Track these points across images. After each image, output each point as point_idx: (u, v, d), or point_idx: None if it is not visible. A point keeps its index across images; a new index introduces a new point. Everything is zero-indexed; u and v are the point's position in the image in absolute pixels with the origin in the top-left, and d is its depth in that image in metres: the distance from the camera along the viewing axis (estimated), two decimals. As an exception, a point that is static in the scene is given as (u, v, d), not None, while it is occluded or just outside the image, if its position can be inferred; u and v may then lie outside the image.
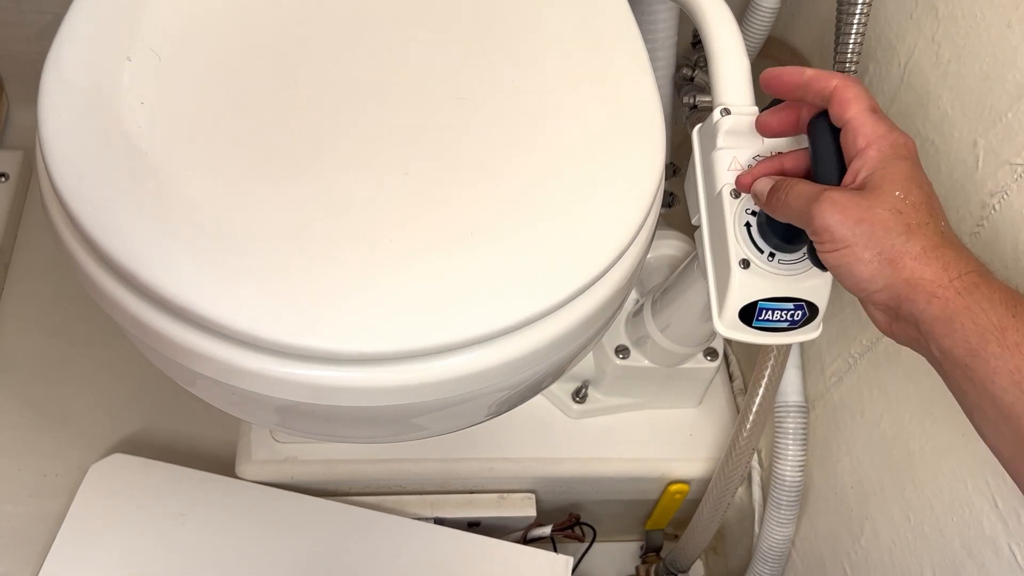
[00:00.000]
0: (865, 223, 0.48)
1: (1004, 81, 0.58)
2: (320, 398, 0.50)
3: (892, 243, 0.47)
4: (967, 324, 0.45)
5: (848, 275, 0.49)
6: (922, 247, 0.47)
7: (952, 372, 0.46)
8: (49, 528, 0.84)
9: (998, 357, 0.44)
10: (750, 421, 0.77)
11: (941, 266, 0.47)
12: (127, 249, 0.49)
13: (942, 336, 0.46)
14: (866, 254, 0.48)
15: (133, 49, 0.57)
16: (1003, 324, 0.44)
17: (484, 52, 0.62)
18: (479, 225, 0.53)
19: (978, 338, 0.45)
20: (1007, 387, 0.44)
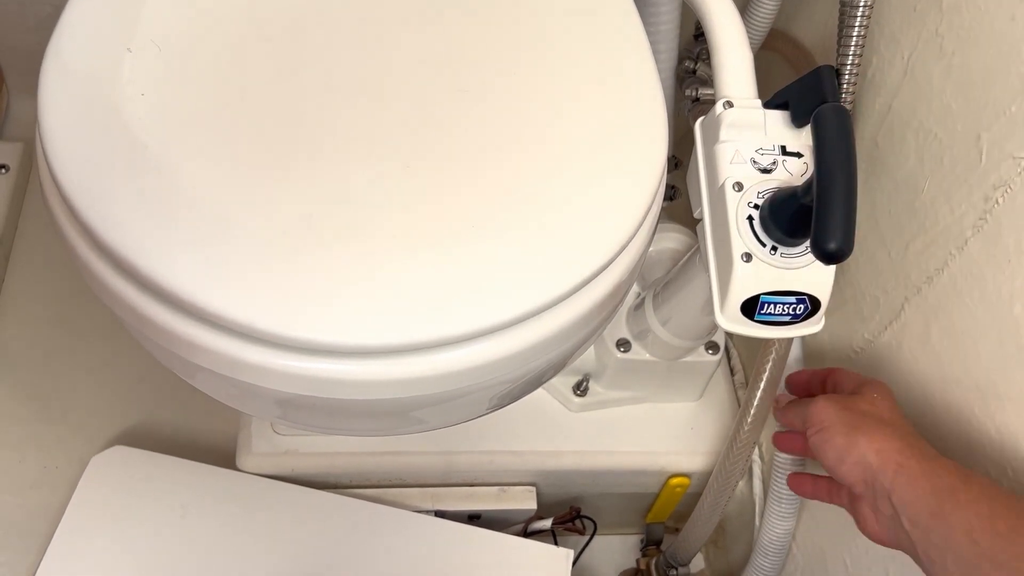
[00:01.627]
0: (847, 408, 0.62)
1: (1008, 75, 0.58)
2: (320, 391, 0.50)
3: (868, 418, 0.61)
4: (927, 486, 0.55)
5: (832, 447, 0.60)
6: (888, 432, 0.59)
7: (923, 544, 0.54)
8: (50, 520, 0.84)
9: (952, 515, 0.52)
10: (751, 415, 0.77)
11: (906, 444, 0.58)
12: (127, 241, 0.49)
13: (905, 501, 0.55)
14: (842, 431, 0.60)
15: (133, 40, 0.57)
16: (953, 485, 0.54)
17: (486, 45, 0.62)
18: (480, 218, 0.53)
19: (936, 499, 0.54)
20: (963, 541, 0.51)
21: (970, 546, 0.51)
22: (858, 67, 0.68)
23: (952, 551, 0.52)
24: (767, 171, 0.60)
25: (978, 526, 0.51)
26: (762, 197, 0.59)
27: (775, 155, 0.61)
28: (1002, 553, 0.50)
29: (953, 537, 0.52)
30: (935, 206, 0.66)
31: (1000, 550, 0.50)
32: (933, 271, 0.67)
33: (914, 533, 0.55)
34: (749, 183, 0.59)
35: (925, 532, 0.54)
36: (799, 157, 0.61)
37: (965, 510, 0.52)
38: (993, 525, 0.51)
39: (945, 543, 0.52)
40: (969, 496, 0.53)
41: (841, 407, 0.62)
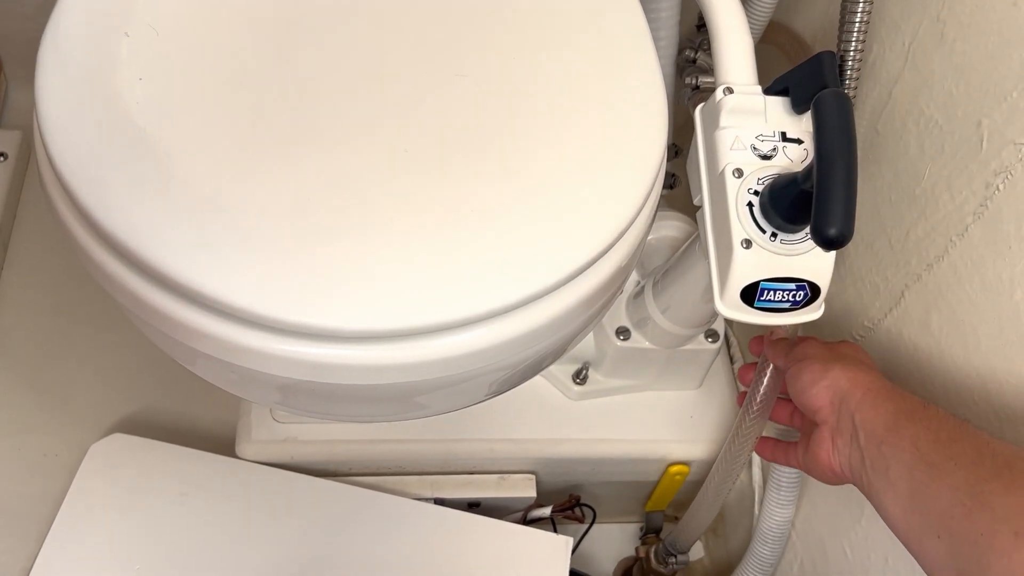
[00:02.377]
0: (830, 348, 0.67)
1: (1009, 60, 0.58)
2: (320, 376, 0.50)
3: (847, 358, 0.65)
4: (889, 406, 0.58)
5: (808, 371, 0.64)
6: (862, 367, 0.64)
7: (872, 455, 0.58)
8: (49, 507, 0.84)
9: (904, 428, 0.56)
10: (756, 404, 0.77)
11: (876, 376, 0.62)
12: (126, 226, 0.48)
13: (867, 418, 0.59)
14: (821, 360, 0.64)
15: (131, 25, 0.56)
16: (912, 408, 0.58)
17: (485, 30, 0.62)
18: (480, 203, 0.53)
19: (894, 417, 0.57)
20: (907, 448, 0.55)
21: (912, 452, 0.55)
22: (861, 53, 0.68)
23: (896, 459, 0.56)
24: (767, 157, 0.60)
25: (923, 436, 0.55)
26: (762, 183, 0.59)
27: (775, 141, 0.60)
28: (937, 455, 0.53)
29: (900, 445, 0.56)
30: (936, 193, 0.66)
31: (936, 453, 0.54)
32: (933, 258, 0.67)
33: (868, 450, 0.58)
34: (749, 169, 0.59)
35: (877, 445, 0.57)
36: (799, 143, 0.60)
37: (916, 424, 0.56)
38: (936, 435, 0.55)
39: (892, 452, 0.56)
40: (925, 415, 0.57)
41: (824, 345, 0.67)
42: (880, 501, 0.57)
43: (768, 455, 0.77)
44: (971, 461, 0.52)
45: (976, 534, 0.49)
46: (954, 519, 0.51)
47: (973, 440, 0.54)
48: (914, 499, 0.54)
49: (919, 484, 0.54)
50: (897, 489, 0.55)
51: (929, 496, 0.53)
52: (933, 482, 0.53)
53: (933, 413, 0.57)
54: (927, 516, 0.53)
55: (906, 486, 0.54)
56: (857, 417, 0.60)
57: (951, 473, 0.52)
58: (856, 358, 0.65)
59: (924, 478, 0.53)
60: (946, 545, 0.51)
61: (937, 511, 0.52)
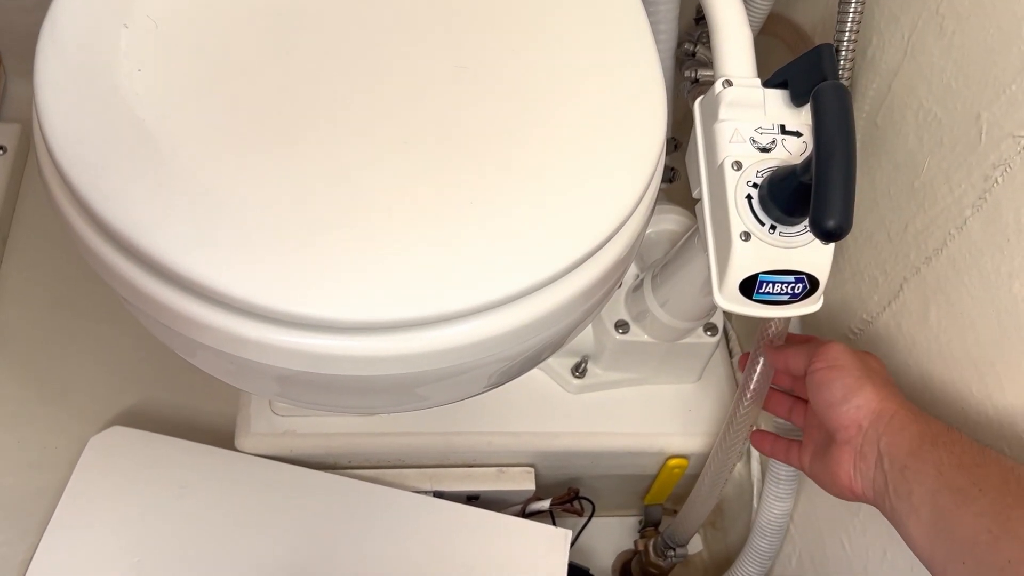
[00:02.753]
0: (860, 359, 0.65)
1: (1008, 53, 0.58)
2: (319, 367, 0.50)
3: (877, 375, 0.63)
4: (915, 431, 0.58)
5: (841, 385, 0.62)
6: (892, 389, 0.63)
7: (895, 480, 0.57)
8: (49, 500, 0.84)
9: (927, 453, 0.56)
10: (749, 394, 0.77)
11: (902, 400, 0.61)
12: (125, 217, 0.48)
13: (893, 443, 0.58)
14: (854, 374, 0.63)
15: (130, 16, 0.56)
16: (935, 432, 0.57)
17: (485, 22, 0.62)
18: (479, 194, 0.53)
19: (919, 442, 0.57)
20: (931, 473, 0.55)
21: (936, 477, 0.55)
22: (855, 44, 0.68)
23: (919, 483, 0.55)
24: (766, 150, 0.60)
25: (947, 461, 0.55)
26: (761, 176, 0.59)
27: (774, 134, 0.60)
28: (961, 480, 0.53)
29: (924, 471, 0.56)
30: (934, 186, 0.66)
31: (960, 478, 0.53)
32: (932, 251, 0.67)
33: (891, 473, 0.58)
34: (748, 162, 0.59)
35: (901, 470, 0.57)
36: (798, 136, 0.60)
37: (939, 449, 0.56)
38: (959, 460, 0.55)
39: (915, 477, 0.56)
40: (947, 439, 0.57)
41: (854, 355, 0.65)
42: (904, 526, 0.56)
43: (767, 450, 0.76)
44: (995, 487, 0.52)
45: (1003, 561, 0.49)
46: (979, 546, 0.50)
47: (997, 465, 0.54)
48: (938, 525, 0.53)
49: (943, 510, 0.53)
50: (920, 515, 0.55)
51: (953, 522, 0.52)
52: (958, 508, 0.52)
53: (956, 438, 0.57)
54: (952, 543, 0.52)
55: (929, 512, 0.54)
56: (883, 442, 0.59)
57: (976, 499, 0.52)
58: (885, 377, 0.64)
59: (948, 504, 0.53)
60: (971, 571, 0.51)
61: (962, 538, 0.52)
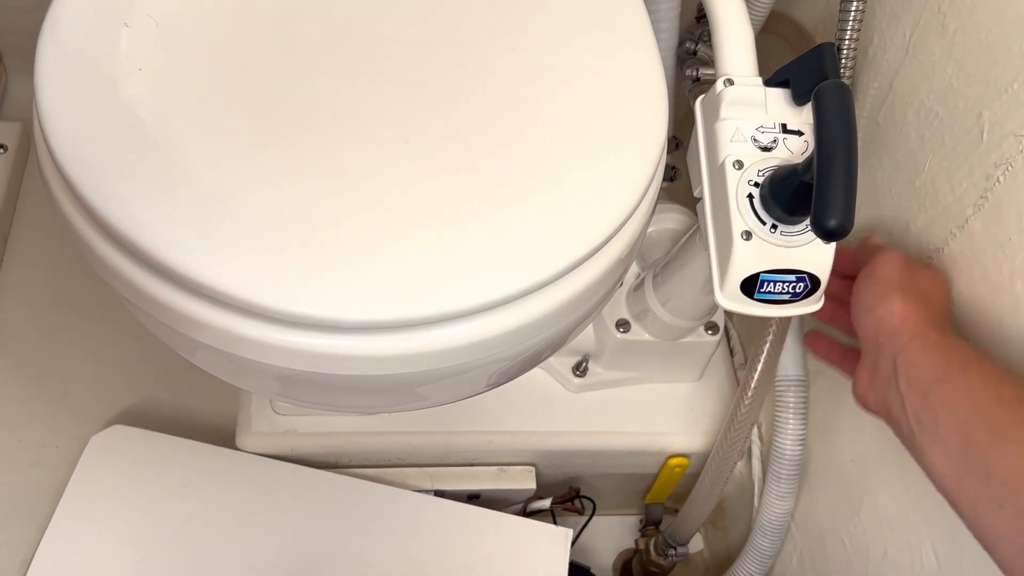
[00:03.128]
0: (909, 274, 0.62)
1: (1010, 52, 0.58)
2: (320, 366, 0.50)
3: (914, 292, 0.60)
4: (939, 356, 0.55)
5: (872, 293, 0.60)
6: (923, 307, 0.59)
7: (915, 404, 0.54)
8: (50, 499, 0.84)
9: (957, 381, 0.52)
10: (749, 394, 0.77)
11: (934, 323, 0.58)
12: (126, 216, 0.48)
13: (912, 364, 0.55)
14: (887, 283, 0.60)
15: (130, 15, 0.56)
16: (965, 359, 0.53)
17: (486, 23, 0.61)
18: (480, 194, 0.53)
19: (946, 368, 0.53)
20: (962, 403, 0.51)
21: (969, 408, 0.51)
22: (856, 43, 0.68)
23: (948, 412, 0.52)
24: (767, 149, 0.60)
25: (982, 390, 0.51)
26: (762, 175, 0.59)
27: (776, 133, 0.60)
28: (1000, 417, 0.50)
29: (953, 399, 0.52)
30: (936, 185, 0.66)
31: (998, 414, 0.50)
32: (933, 250, 0.67)
33: (909, 397, 0.55)
34: (749, 161, 0.59)
35: (923, 395, 0.54)
36: (800, 135, 0.60)
37: (972, 377, 0.52)
38: (998, 392, 0.51)
39: (942, 404, 0.52)
40: (981, 369, 0.53)
41: (905, 267, 0.62)
42: (925, 455, 0.53)
43: (822, 352, 0.73)
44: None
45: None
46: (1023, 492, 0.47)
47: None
48: (970, 462, 0.50)
49: (978, 446, 0.50)
50: (949, 447, 0.51)
51: (992, 462, 0.49)
52: (996, 447, 0.49)
53: (990, 368, 0.53)
54: (987, 484, 0.49)
55: (960, 446, 0.51)
56: (900, 361, 0.56)
57: (1020, 440, 0.48)
58: (924, 293, 0.60)
59: (985, 440, 0.49)
60: (1010, 517, 0.47)
61: (1002, 480, 0.48)
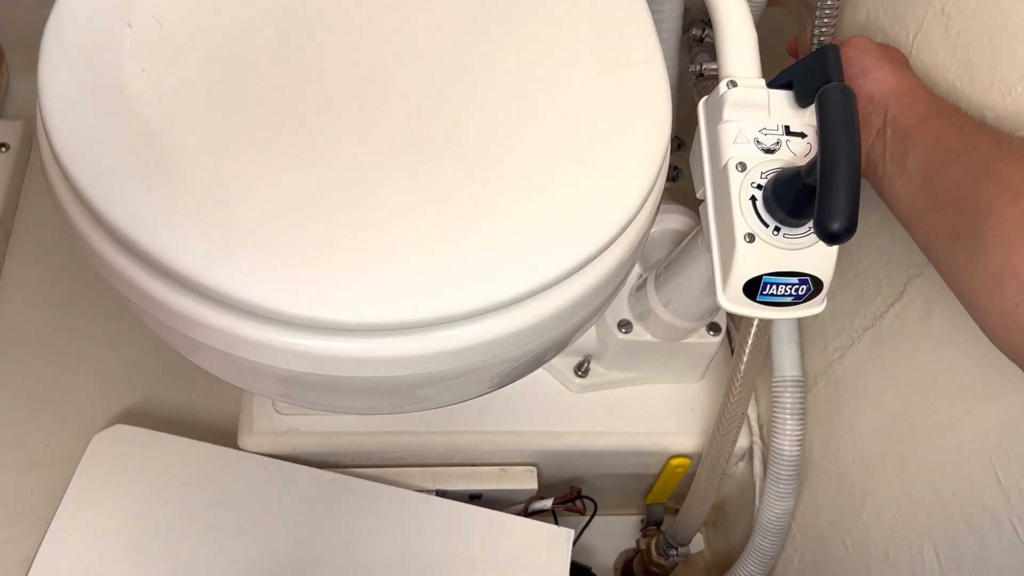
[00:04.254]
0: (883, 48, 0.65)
1: (1014, 54, 0.58)
2: (322, 368, 0.50)
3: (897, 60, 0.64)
4: (923, 106, 0.59)
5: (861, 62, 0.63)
6: (910, 73, 0.64)
7: (894, 146, 0.58)
8: (52, 498, 0.84)
9: (931, 123, 0.57)
10: (737, 384, 0.77)
11: (920, 84, 0.62)
12: (129, 217, 0.48)
13: (900, 114, 0.59)
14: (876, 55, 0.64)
15: (134, 16, 0.56)
16: (942, 107, 0.58)
17: (489, 24, 0.61)
18: (483, 196, 0.53)
19: (926, 115, 0.58)
20: (930, 138, 0.56)
21: (935, 141, 0.56)
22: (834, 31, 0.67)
23: (916, 147, 0.57)
24: (771, 151, 0.60)
25: (949, 129, 0.56)
26: (765, 177, 0.59)
27: (779, 135, 0.60)
28: (957, 143, 0.54)
29: (924, 136, 0.57)
30: (939, 187, 0.66)
31: (957, 142, 0.55)
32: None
33: (891, 141, 0.59)
34: (752, 163, 0.59)
35: (902, 138, 0.58)
36: (803, 137, 0.60)
37: (944, 120, 0.57)
38: (961, 128, 0.56)
39: (914, 143, 0.57)
40: (954, 114, 0.58)
41: (878, 44, 0.66)
42: (891, 187, 0.58)
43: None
44: (990, 145, 0.53)
45: (978, 200, 0.50)
46: (961, 191, 0.52)
47: (995, 131, 0.55)
48: (926, 180, 0.55)
49: (934, 167, 0.55)
50: (911, 174, 0.57)
51: (942, 176, 0.54)
52: (948, 164, 0.54)
53: (962, 114, 0.58)
54: (936, 193, 0.54)
55: (920, 169, 0.56)
56: (890, 113, 0.60)
57: (968, 155, 0.53)
58: (905, 64, 0.66)
59: (940, 162, 0.55)
60: (949, 215, 0.53)
61: (947, 187, 0.53)
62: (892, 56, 0.65)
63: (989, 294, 0.49)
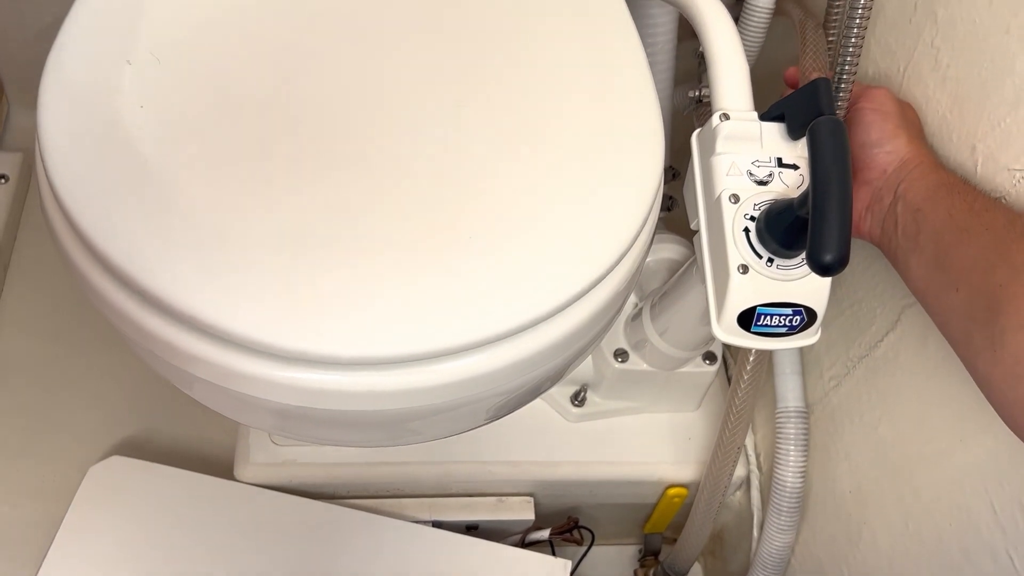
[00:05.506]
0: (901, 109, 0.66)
1: (1002, 87, 0.58)
2: (318, 402, 0.50)
3: (913, 126, 0.65)
4: (934, 179, 0.59)
5: (879, 129, 0.64)
6: (923, 142, 0.64)
7: (906, 220, 0.59)
8: (47, 530, 0.84)
9: (942, 199, 0.57)
10: (735, 413, 0.77)
11: (931, 155, 0.63)
12: (125, 252, 0.49)
13: (911, 188, 0.60)
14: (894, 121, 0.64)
15: (133, 53, 0.57)
16: (952, 182, 0.59)
17: (482, 55, 0.62)
18: (478, 229, 0.53)
19: (936, 189, 0.58)
20: (942, 215, 0.57)
21: (946, 218, 0.56)
22: (854, 76, 0.68)
23: (928, 223, 0.57)
24: (763, 183, 0.60)
25: (959, 206, 0.56)
26: (758, 209, 0.59)
27: (771, 167, 0.61)
28: (969, 222, 0.55)
29: (935, 212, 0.57)
30: (931, 217, 0.66)
31: (969, 220, 0.55)
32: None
33: (903, 215, 0.60)
34: (745, 195, 0.60)
35: (914, 212, 0.59)
36: (795, 169, 0.61)
37: (955, 196, 0.57)
38: (971, 206, 0.56)
39: (926, 218, 0.58)
40: (963, 190, 0.58)
41: (898, 103, 0.66)
42: (905, 263, 0.59)
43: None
44: (1002, 226, 0.54)
45: (995, 286, 0.51)
46: (976, 273, 0.53)
47: (1006, 212, 0.55)
48: (939, 258, 0.56)
49: (947, 245, 0.55)
50: (924, 251, 0.57)
51: (955, 255, 0.55)
52: (961, 244, 0.54)
53: (971, 189, 0.58)
54: (949, 272, 0.55)
55: (933, 247, 0.56)
56: (902, 187, 0.60)
57: (981, 235, 0.54)
58: (919, 129, 0.66)
59: (953, 240, 0.55)
60: (963, 296, 0.53)
61: (961, 267, 0.54)
62: (909, 119, 0.65)
63: (1007, 383, 0.49)
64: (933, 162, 0.62)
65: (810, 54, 0.69)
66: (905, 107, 0.67)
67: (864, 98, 0.66)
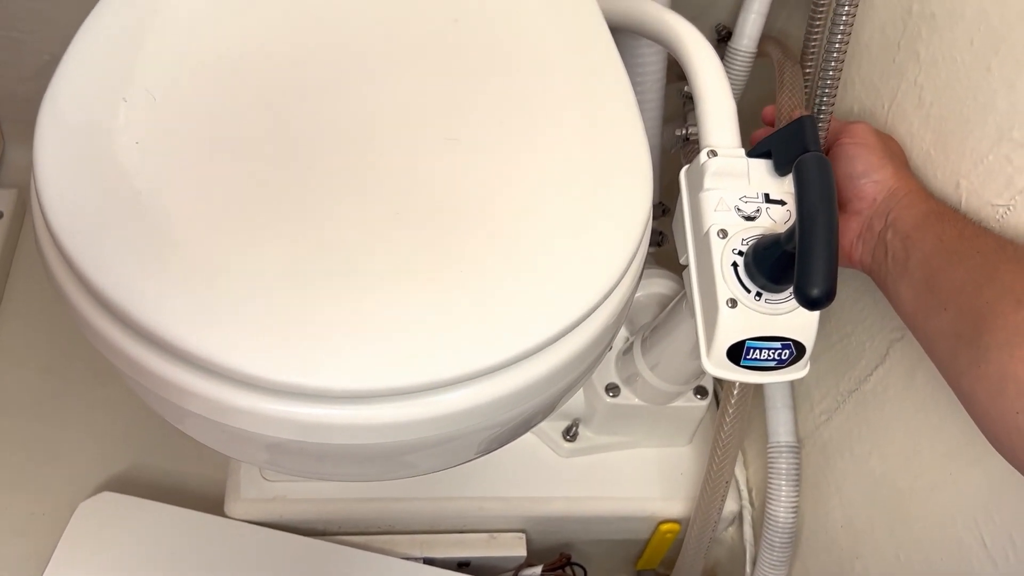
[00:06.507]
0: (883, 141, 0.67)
1: (984, 124, 0.60)
2: (310, 436, 0.50)
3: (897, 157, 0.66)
4: (924, 207, 0.60)
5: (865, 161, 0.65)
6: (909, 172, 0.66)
7: (895, 247, 0.60)
8: (36, 567, 0.83)
9: (931, 226, 0.58)
10: (721, 447, 0.77)
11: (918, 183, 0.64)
12: (119, 287, 0.49)
13: (901, 216, 0.61)
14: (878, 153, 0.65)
15: (129, 90, 0.57)
16: (942, 210, 0.60)
17: (474, 91, 0.63)
18: (468, 264, 0.53)
19: (926, 217, 0.59)
20: (931, 241, 0.58)
21: (935, 243, 0.57)
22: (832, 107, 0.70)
23: (918, 250, 0.58)
24: (751, 218, 0.61)
25: (949, 233, 0.58)
26: (746, 244, 0.60)
27: (759, 203, 0.62)
28: (959, 246, 0.56)
29: (924, 239, 0.58)
30: (917, 252, 0.67)
31: (958, 245, 0.56)
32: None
33: (892, 243, 0.61)
34: (733, 230, 0.60)
35: (904, 239, 0.60)
36: (782, 204, 0.62)
37: (944, 223, 0.59)
38: (961, 232, 0.57)
39: (915, 245, 0.59)
40: (953, 218, 0.59)
41: (880, 135, 0.68)
42: (895, 288, 0.60)
43: None
44: (992, 250, 0.55)
45: (982, 304, 0.51)
46: (964, 294, 0.53)
47: (996, 237, 0.57)
48: (928, 281, 0.57)
49: (936, 268, 0.56)
50: (913, 276, 0.58)
51: (944, 277, 0.56)
52: (951, 266, 0.55)
53: (961, 217, 0.60)
54: (938, 294, 0.56)
55: (923, 271, 0.57)
56: (891, 215, 0.62)
57: (970, 258, 0.55)
58: (904, 160, 0.67)
59: (942, 263, 0.56)
60: (951, 316, 0.54)
61: (949, 288, 0.55)
62: (893, 151, 0.67)
63: (990, 398, 0.50)
64: (922, 191, 0.63)
65: (787, 92, 0.71)
66: (887, 139, 0.68)
67: (845, 134, 0.67)
